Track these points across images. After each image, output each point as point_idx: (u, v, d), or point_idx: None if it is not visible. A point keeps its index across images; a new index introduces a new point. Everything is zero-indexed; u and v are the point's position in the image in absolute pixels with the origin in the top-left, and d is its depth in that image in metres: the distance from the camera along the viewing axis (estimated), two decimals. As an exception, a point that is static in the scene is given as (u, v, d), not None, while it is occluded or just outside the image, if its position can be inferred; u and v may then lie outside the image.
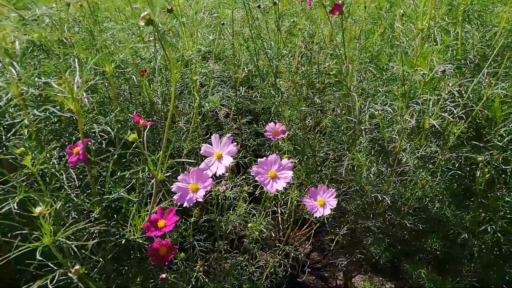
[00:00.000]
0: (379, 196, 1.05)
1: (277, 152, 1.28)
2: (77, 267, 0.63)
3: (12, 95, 0.69)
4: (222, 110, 1.71)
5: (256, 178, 0.81)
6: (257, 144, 1.70)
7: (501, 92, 0.94)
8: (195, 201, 0.75)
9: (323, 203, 0.91)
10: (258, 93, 1.56)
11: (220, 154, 0.78)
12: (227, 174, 1.02)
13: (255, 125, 1.69)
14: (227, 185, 0.97)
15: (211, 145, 0.79)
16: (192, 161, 1.20)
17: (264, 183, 0.81)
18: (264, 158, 0.83)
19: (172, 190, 0.76)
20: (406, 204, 1.10)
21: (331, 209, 0.90)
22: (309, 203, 0.92)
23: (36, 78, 0.83)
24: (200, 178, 0.76)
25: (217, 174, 0.77)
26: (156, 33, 0.80)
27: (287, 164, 0.83)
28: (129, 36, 1.40)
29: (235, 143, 0.78)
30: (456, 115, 0.91)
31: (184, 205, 0.75)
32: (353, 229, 1.26)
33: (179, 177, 0.76)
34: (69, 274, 0.64)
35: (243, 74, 1.68)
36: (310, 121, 1.63)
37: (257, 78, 1.59)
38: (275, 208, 1.60)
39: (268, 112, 1.67)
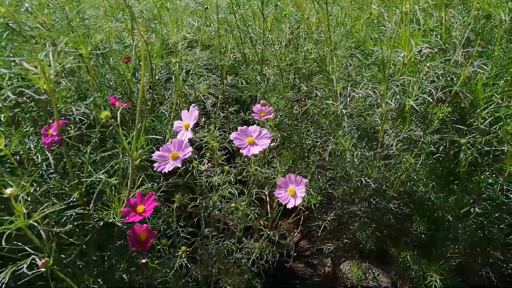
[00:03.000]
0: (363, 180, 1.05)
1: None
2: (44, 259, 0.61)
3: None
4: (209, 99, 1.70)
5: (234, 142, 0.84)
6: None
7: (480, 73, 0.94)
8: (173, 166, 0.78)
9: (294, 193, 0.86)
10: (244, 80, 1.54)
11: (188, 124, 0.84)
12: (208, 154, 1.02)
13: (242, 114, 1.68)
14: (209, 164, 0.97)
15: (182, 120, 0.86)
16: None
17: (242, 147, 0.84)
18: (245, 127, 0.85)
19: (152, 158, 0.79)
20: (390, 188, 1.10)
21: (301, 198, 0.85)
22: (280, 195, 0.87)
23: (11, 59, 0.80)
24: (180, 147, 0.80)
25: (185, 141, 0.81)
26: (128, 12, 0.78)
27: (266, 134, 0.85)
28: (113, 22, 1.38)
29: (197, 109, 0.84)
30: (435, 96, 0.90)
31: (164, 170, 0.77)
32: (340, 215, 1.26)
33: (161, 147, 0.79)
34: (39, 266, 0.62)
35: (229, 62, 1.66)
36: (297, 108, 1.62)
37: (243, 66, 1.58)
38: (264, 197, 1.60)
39: (255, 101, 1.66)
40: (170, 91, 1.45)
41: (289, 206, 0.85)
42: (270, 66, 1.61)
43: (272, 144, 1.02)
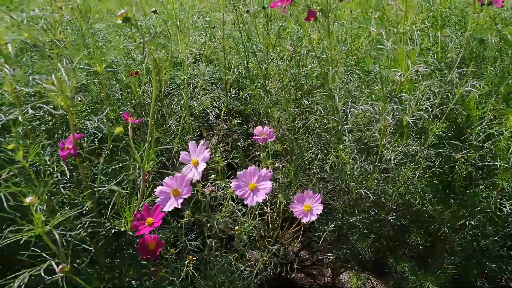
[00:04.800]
0: (363, 192, 1.09)
1: (264, 154, 1.32)
2: (62, 265, 0.64)
3: (7, 93, 0.72)
4: (213, 111, 1.75)
5: (237, 193, 0.82)
6: (248, 144, 1.73)
7: (473, 91, 0.99)
8: (172, 206, 0.77)
9: (309, 208, 0.90)
10: (248, 94, 1.60)
11: (197, 161, 0.80)
12: (213, 176, 1.05)
13: (245, 126, 1.73)
14: (213, 187, 0.99)
15: (189, 152, 0.81)
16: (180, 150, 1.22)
17: (245, 197, 0.82)
18: (243, 170, 0.83)
19: (155, 193, 0.77)
20: (389, 200, 1.14)
21: (317, 215, 0.90)
22: (296, 209, 0.92)
23: (30, 77, 0.85)
24: (182, 184, 0.78)
25: (193, 181, 0.79)
26: (138, 31, 0.83)
27: (266, 175, 0.83)
28: (121, 37, 1.43)
29: (209, 150, 0.80)
30: (431, 113, 0.95)
31: (165, 209, 0.77)
32: (340, 226, 1.29)
33: (164, 181, 0.78)
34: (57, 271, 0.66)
35: (233, 76, 1.72)
36: (299, 121, 1.67)
37: (247, 80, 1.63)
38: (264, 208, 1.63)
39: (258, 113, 1.71)
40: (175, 103, 1.50)
41: (304, 221, 0.89)
42: (273, 79, 1.67)
43: (276, 165, 1.04)
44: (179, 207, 0.77)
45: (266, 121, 1.62)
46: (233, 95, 1.74)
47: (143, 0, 1.75)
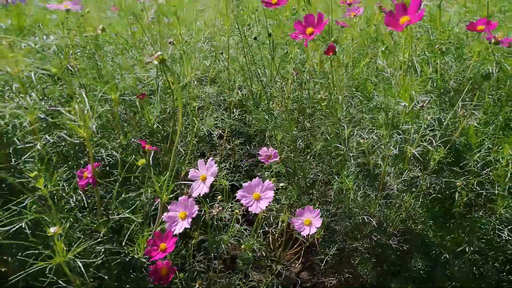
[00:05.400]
0: (365, 218, 1.12)
1: (268, 174, 1.35)
2: None
3: (27, 123, 0.75)
4: (216, 131, 1.78)
5: (242, 201, 0.89)
6: (250, 164, 1.76)
7: (473, 124, 1.03)
8: (183, 228, 0.81)
9: (309, 222, 0.97)
10: (252, 117, 1.63)
11: (205, 176, 0.85)
12: (219, 197, 1.08)
13: (248, 147, 1.76)
14: (220, 208, 1.03)
15: (198, 169, 0.87)
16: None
17: (249, 205, 0.88)
18: (248, 182, 0.90)
19: (163, 219, 0.81)
20: (391, 225, 1.17)
21: (316, 228, 0.97)
22: (297, 223, 0.98)
23: (47, 106, 0.88)
24: (187, 206, 0.83)
25: (201, 195, 0.83)
26: (162, 68, 0.86)
27: (269, 185, 0.90)
28: (129, 59, 1.47)
29: (216, 165, 0.86)
30: (435, 145, 0.99)
31: (175, 232, 0.81)
32: (341, 248, 1.31)
33: (169, 207, 0.82)
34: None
35: (237, 98, 1.76)
36: (301, 143, 1.71)
37: (251, 102, 1.67)
38: (266, 228, 1.65)
39: (261, 134, 1.74)
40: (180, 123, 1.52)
41: (304, 233, 0.95)
42: (276, 102, 1.71)
43: (281, 185, 1.08)
44: (189, 226, 0.82)
45: (269, 143, 1.66)
46: (236, 116, 1.78)
47: (144, 13, 1.78)
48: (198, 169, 0.87)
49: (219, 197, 1.09)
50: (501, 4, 1.47)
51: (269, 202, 0.89)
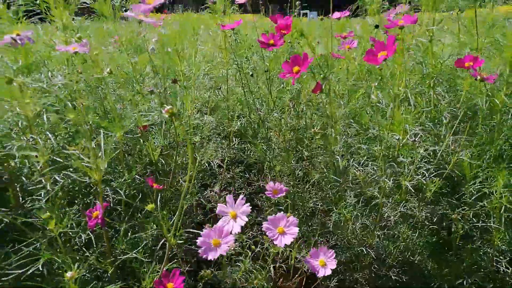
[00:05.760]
0: (364, 250, 1.14)
1: (273, 206, 1.37)
2: None
3: (40, 166, 0.77)
4: (215, 160, 1.81)
5: (267, 233, 0.91)
6: (249, 193, 1.79)
7: (465, 158, 1.07)
8: (218, 254, 0.83)
9: (324, 263, 0.98)
10: (251, 146, 1.67)
11: (235, 214, 0.87)
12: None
13: (247, 175, 1.79)
14: (234, 244, 1.04)
15: (226, 205, 0.89)
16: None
17: (274, 238, 0.91)
18: (273, 216, 0.92)
19: (197, 244, 0.83)
20: (389, 257, 1.19)
21: (331, 270, 0.97)
22: (312, 264, 0.99)
23: (55, 144, 0.91)
24: (221, 234, 0.85)
25: (233, 233, 0.85)
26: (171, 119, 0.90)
27: (293, 221, 0.92)
28: (129, 91, 1.51)
29: (248, 204, 0.87)
30: (428, 177, 1.02)
31: (209, 258, 0.83)
32: (342, 280, 1.32)
33: (202, 233, 0.85)
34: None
35: (236, 128, 1.80)
36: (299, 172, 1.74)
37: (249, 132, 1.71)
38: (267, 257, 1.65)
39: (260, 163, 1.78)
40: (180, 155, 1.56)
41: (319, 275, 0.97)
42: (274, 131, 1.75)
43: (290, 218, 1.10)
44: (224, 253, 0.84)
45: (267, 172, 1.69)
46: (236, 145, 1.81)
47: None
48: (226, 205, 0.89)
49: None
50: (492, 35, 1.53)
51: (293, 238, 0.91)
